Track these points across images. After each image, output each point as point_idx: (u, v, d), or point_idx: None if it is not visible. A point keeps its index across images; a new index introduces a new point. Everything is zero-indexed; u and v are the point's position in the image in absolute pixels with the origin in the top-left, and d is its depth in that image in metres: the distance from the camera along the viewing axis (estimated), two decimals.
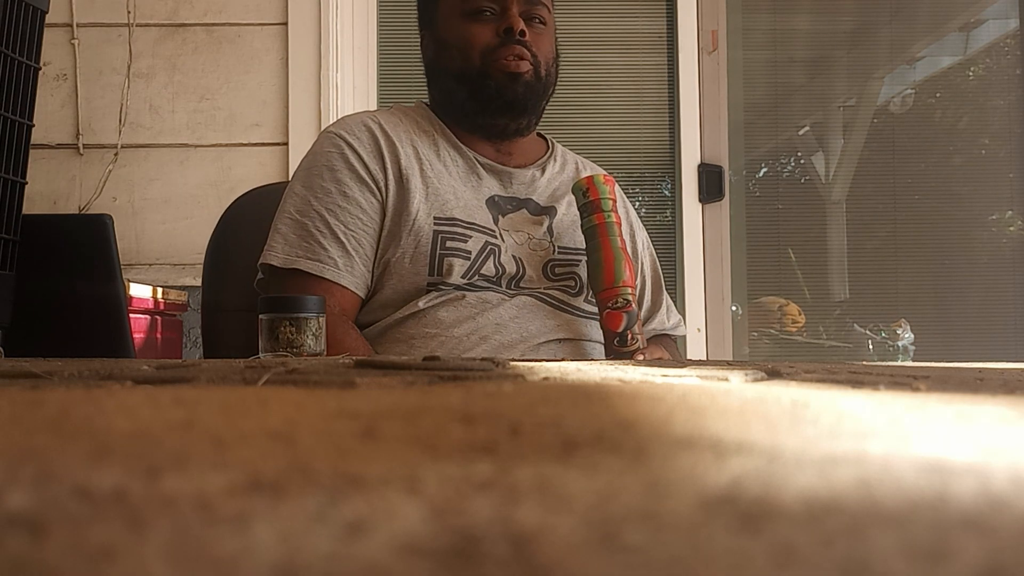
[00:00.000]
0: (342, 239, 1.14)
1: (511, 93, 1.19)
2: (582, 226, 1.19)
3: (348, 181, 1.17)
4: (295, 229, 1.16)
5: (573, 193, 1.20)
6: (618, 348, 1.13)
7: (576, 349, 1.17)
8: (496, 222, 1.20)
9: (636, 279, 1.19)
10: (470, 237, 1.16)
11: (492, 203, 1.22)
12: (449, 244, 1.15)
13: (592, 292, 1.17)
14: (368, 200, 1.16)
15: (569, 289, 1.20)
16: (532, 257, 1.20)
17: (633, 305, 1.13)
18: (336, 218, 1.15)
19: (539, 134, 1.35)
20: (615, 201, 1.18)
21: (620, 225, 1.18)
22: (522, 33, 1.18)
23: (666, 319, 1.35)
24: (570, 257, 1.22)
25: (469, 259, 1.15)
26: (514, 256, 1.18)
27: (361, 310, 1.17)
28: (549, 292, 1.18)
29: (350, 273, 1.14)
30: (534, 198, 1.24)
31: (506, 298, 1.16)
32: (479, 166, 1.23)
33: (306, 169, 1.20)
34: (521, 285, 1.18)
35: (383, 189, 1.17)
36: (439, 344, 1.12)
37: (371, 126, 1.21)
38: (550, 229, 1.23)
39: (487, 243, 1.17)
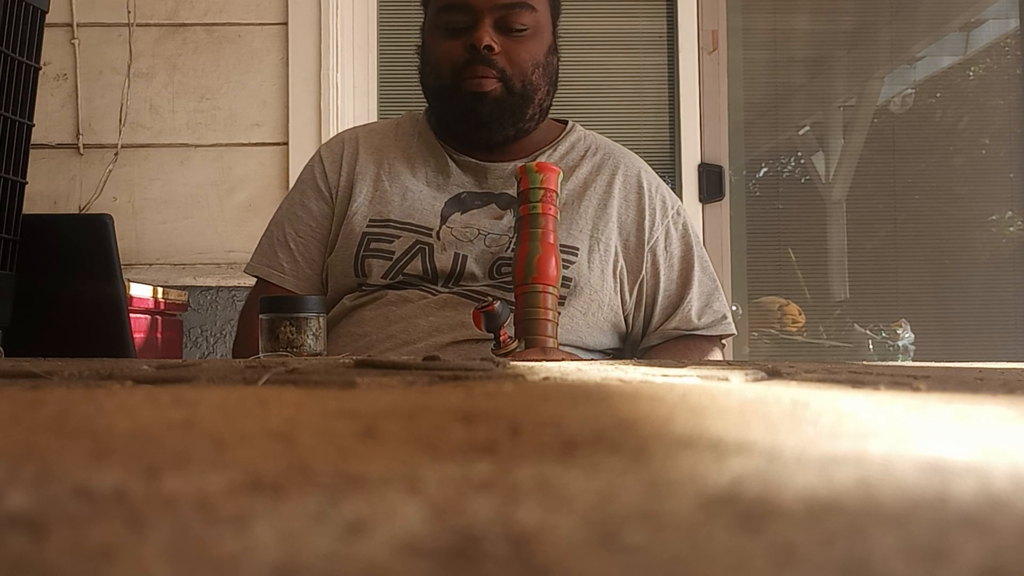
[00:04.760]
0: (291, 246, 1.24)
1: (476, 113, 1.16)
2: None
3: (308, 191, 1.26)
4: (266, 239, 1.27)
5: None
6: (492, 350, 1.04)
7: None
8: (445, 220, 1.18)
9: (559, 276, 1.09)
10: (397, 238, 1.17)
11: (456, 200, 1.20)
12: (373, 246, 1.17)
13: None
14: (320, 207, 1.24)
15: (509, 285, 1.14)
16: (483, 255, 1.16)
17: (496, 305, 1.01)
18: (292, 226, 1.25)
19: (560, 120, 1.31)
20: (551, 191, 1.10)
21: (553, 217, 1.10)
22: (489, 48, 1.14)
23: (694, 317, 1.24)
24: None
25: (391, 259, 1.16)
26: (457, 254, 1.15)
27: None
28: (482, 290, 1.14)
29: (294, 277, 1.23)
30: (510, 191, 1.20)
31: (429, 295, 1.14)
32: (452, 164, 1.22)
33: (294, 183, 1.32)
34: (460, 283, 1.15)
35: (334, 196, 1.24)
36: (354, 341, 1.15)
37: (346, 138, 1.28)
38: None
39: (417, 242, 1.16)
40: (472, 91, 1.15)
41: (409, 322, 1.13)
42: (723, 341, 1.29)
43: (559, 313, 1.11)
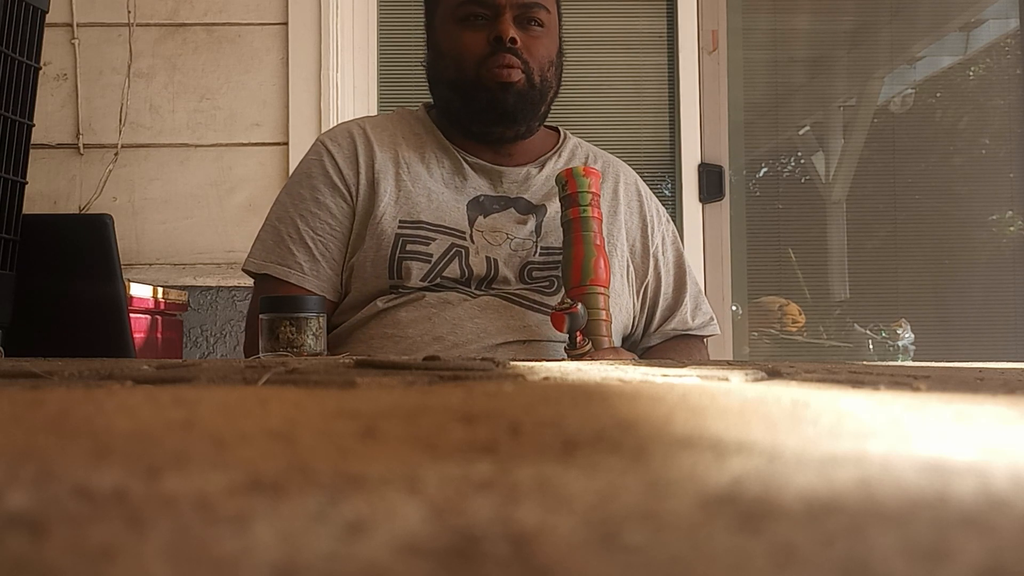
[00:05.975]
0: (310, 244, 1.18)
1: (502, 104, 1.17)
2: (561, 220, 1.16)
3: (322, 187, 1.20)
4: (272, 235, 1.21)
5: (557, 185, 1.16)
6: (567, 351, 1.07)
7: (541, 350, 1.13)
8: (473, 223, 1.18)
9: (610, 277, 1.14)
10: (434, 240, 1.15)
11: (476, 204, 1.20)
12: (409, 247, 1.15)
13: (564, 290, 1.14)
14: (339, 205, 1.19)
15: (545, 289, 1.17)
16: (512, 258, 1.17)
17: (579, 307, 1.04)
18: (307, 224, 1.19)
19: (553, 127, 1.32)
20: (596, 195, 1.14)
21: (600, 220, 1.14)
22: (513, 41, 1.15)
23: (689, 319, 1.29)
24: (552, 257, 1.19)
25: (430, 262, 1.14)
26: (488, 257, 1.16)
27: (334, 312, 1.20)
28: (520, 292, 1.15)
29: (315, 277, 1.18)
30: (526, 196, 1.22)
31: (468, 298, 1.14)
32: (467, 166, 1.22)
33: (292, 177, 1.26)
34: (493, 286, 1.15)
35: (354, 194, 1.20)
36: (394, 343, 1.13)
37: (354, 132, 1.24)
38: (538, 228, 1.20)
39: (452, 245, 1.15)
40: (499, 81, 1.16)
41: (456, 324, 1.12)
42: (705, 340, 1.36)
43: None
